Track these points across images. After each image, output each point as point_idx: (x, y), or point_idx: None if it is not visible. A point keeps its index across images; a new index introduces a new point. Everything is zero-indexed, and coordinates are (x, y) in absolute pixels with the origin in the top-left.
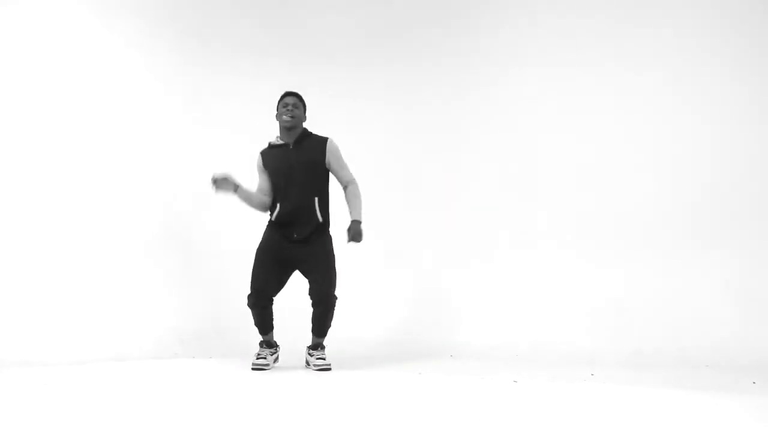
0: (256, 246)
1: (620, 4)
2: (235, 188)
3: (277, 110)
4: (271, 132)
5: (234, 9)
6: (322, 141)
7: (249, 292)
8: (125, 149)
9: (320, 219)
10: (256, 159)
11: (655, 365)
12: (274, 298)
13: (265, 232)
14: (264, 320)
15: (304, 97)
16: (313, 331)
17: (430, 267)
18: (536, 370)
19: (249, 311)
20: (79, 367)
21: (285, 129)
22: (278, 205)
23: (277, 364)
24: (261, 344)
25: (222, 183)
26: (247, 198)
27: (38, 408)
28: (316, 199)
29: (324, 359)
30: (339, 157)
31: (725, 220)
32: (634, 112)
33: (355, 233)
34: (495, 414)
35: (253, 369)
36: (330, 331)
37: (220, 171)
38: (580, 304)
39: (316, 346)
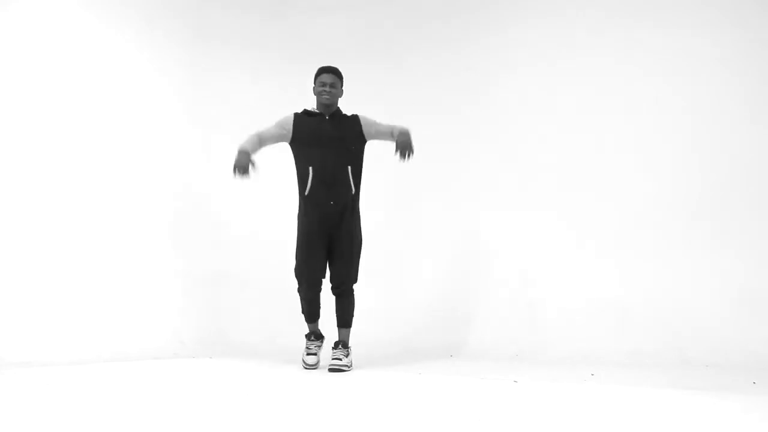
0: (256, 247)
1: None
2: (253, 162)
3: (315, 85)
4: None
5: (236, 8)
6: (354, 117)
7: (297, 279)
8: (126, 148)
9: (353, 189)
10: (284, 115)
11: (655, 365)
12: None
13: (299, 215)
14: (315, 307)
15: (341, 72)
16: (337, 323)
17: (430, 267)
18: (536, 370)
19: (248, 310)
20: (79, 367)
21: (323, 105)
22: (311, 171)
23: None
24: (309, 336)
25: (242, 169)
26: (253, 146)
27: (38, 408)
28: (350, 167)
29: (341, 359)
30: (374, 121)
31: (725, 220)
32: (635, 113)
33: (403, 145)
34: (495, 414)
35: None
36: (330, 332)
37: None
38: (580, 304)
39: (338, 343)
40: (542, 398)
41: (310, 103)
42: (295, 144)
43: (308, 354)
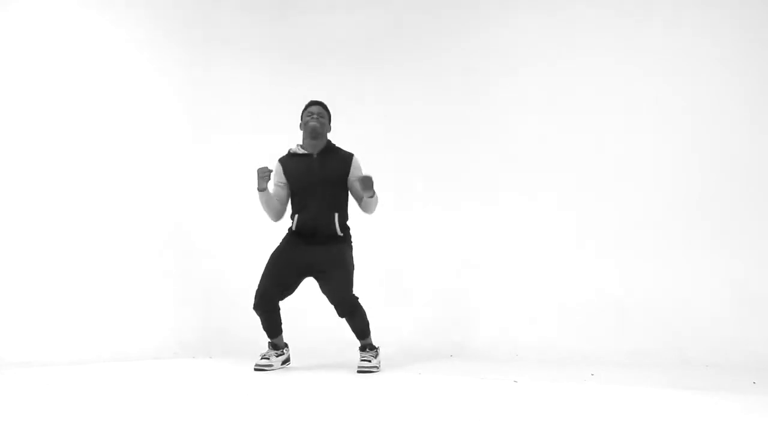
0: (256, 247)
1: (623, 3)
2: (264, 187)
3: (302, 119)
4: (271, 131)
5: (236, 9)
6: (348, 156)
7: (255, 295)
8: (126, 149)
9: (338, 232)
10: (274, 167)
11: (655, 365)
12: (279, 303)
13: (283, 239)
14: (270, 324)
15: (329, 107)
16: (356, 336)
17: (430, 267)
18: (536, 370)
19: (250, 309)
20: (79, 367)
21: (309, 138)
22: (297, 215)
23: (287, 366)
24: (268, 344)
25: (263, 173)
26: (268, 201)
27: (38, 408)
28: (336, 215)
29: (369, 361)
30: (362, 174)
31: (725, 220)
32: (635, 113)
33: (366, 182)
34: (495, 414)
35: (255, 369)
36: (329, 332)
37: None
38: (580, 304)
39: (363, 347)
40: (542, 398)
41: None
42: (290, 188)
43: (261, 359)
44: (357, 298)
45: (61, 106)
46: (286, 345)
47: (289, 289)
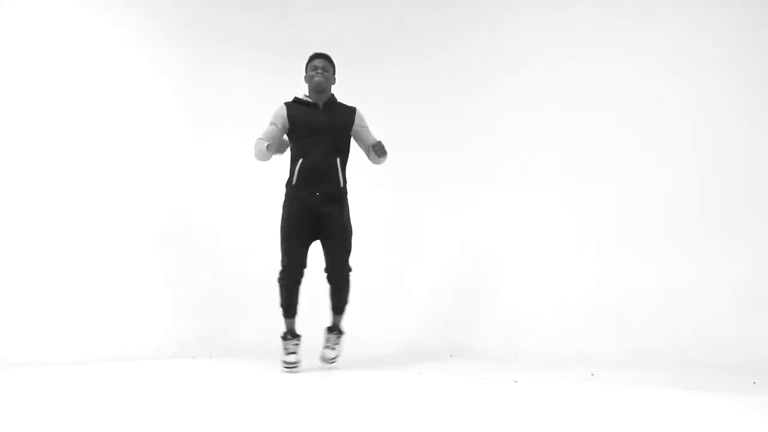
0: (256, 247)
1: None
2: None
3: (306, 72)
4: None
5: (236, 8)
6: (351, 109)
7: (280, 267)
8: (126, 149)
9: (341, 182)
10: (275, 110)
11: (655, 365)
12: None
13: (284, 203)
14: (291, 299)
15: (333, 59)
16: (331, 308)
17: (430, 267)
18: (536, 370)
19: (250, 309)
20: (79, 367)
21: (315, 92)
22: (299, 161)
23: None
24: (286, 336)
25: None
26: (277, 147)
27: (38, 408)
28: (338, 159)
29: (333, 349)
30: (366, 126)
31: (725, 220)
32: (635, 113)
33: (378, 147)
34: (495, 414)
35: (285, 369)
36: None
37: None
38: (580, 304)
39: (333, 328)
40: (542, 398)
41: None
42: (291, 135)
43: (288, 353)
44: (350, 269)
45: (61, 107)
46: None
47: (307, 255)
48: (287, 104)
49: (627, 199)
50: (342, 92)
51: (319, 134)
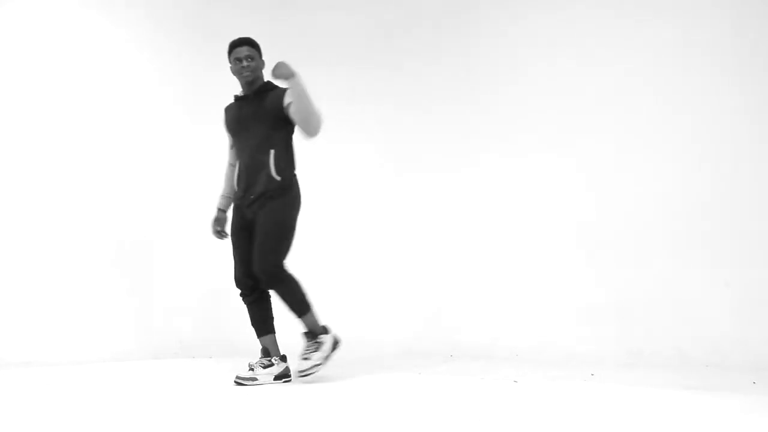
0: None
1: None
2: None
3: (231, 64)
4: None
5: (236, 8)
6: (281, 89)
7: None
8: (126, 149)
9: (276, 177)
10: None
11: (655, 365)
12: (260, 287)
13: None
14: (254, 316)
15: (257, 41)
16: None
17: (430, 267)
18: (536, 370)
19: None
20: (79, 367)
21: (246, 85)
22: (237, 165)
23: (284, 382)
24: (260, 352)
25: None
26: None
27: (38, 408)
28: (272, 152)
29: (308, 359)
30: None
31: (725, 220)
32: (634, 112)
33: (276, 67)
34: (495, 414)
35: (235, 383)
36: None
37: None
38: (580, 304)
39: (307, 334)
40: (542, 398)
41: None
42: (231, 139)
43: (248, 368)
44: (281, 268)
45: (61, 107)
46: (282, 357)
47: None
48: (225, 108)
49: (627, 199)
50: (342, 92)
51: (249, 129)
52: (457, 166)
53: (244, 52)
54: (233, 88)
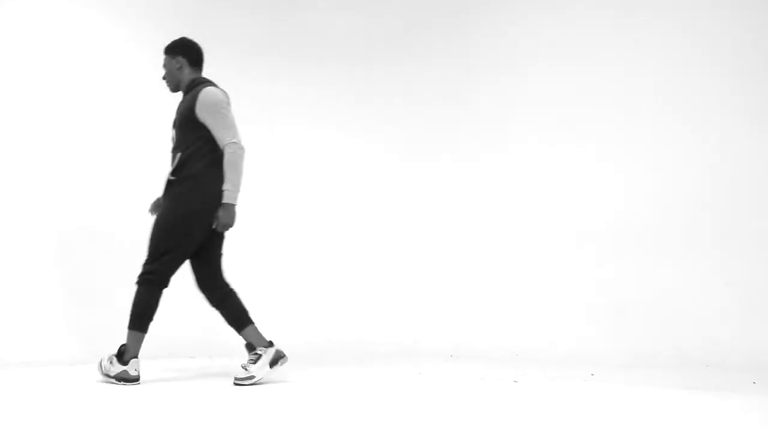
0: (256, 247)
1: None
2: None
3: None
4: (271, 130)
5: (236, 9)
6: (198, 90)
7: None
8: (127, 150)
9: (171, 176)
10: None
11: (654, 365)
12: (219, 285)
13: None
14: (228, 317)
15: (174, 46)
16: None
17: (429, 267)
18: (536, 370)
19: (250, 309)
20: (79, 367)
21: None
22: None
23: (282, 364)
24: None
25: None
26: None
27: (38, 408)
28: (179, 154)
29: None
30: (213, 112)
31: (725, 220)
32: (635, 112)
33: (221, 221)
34: (495, 414)
35: (234, 384)
36: (330, 332)
37: None
38: (580, 305)
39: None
40: (542, 398)
41: (313, 101)
42: None
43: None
44: (150, 272)
45: (61, 106)
46: (269, 342)
47: (202, 265)
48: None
49: (627, 199)
50: (342, 91)
51: (174, 130)
52: (457, 167)
53: (162, 62)
54: (233, 88)
